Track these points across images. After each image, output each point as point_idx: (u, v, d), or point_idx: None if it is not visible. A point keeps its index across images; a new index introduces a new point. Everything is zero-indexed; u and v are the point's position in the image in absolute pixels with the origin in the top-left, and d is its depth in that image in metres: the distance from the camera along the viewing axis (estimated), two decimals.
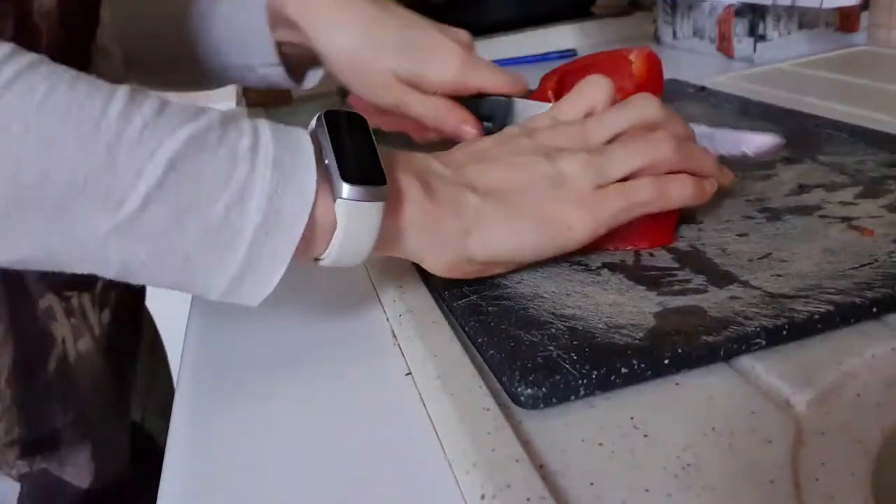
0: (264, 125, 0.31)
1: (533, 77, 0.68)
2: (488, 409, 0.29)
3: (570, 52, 1.00)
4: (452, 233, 0.34)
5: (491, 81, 0.51)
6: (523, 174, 0.36)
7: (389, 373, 0.34)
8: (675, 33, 0.94)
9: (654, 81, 0.58)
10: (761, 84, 0.71)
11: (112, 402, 0.50)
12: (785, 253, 0.37)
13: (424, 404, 0.31)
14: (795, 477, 0.24)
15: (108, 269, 0.29)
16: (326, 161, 0.31)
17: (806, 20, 0.80)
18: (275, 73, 0.57)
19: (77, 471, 0.47)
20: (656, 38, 0.99)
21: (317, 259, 0.33)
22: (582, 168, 0.36)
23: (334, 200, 0.31)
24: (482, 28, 1.08)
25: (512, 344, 0.31)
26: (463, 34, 0.52)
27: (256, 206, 0.29)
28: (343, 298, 0.41)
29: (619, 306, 0.34)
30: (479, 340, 0.33)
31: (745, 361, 0.30)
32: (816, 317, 0.31)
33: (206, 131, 0.29)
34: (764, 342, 0.30)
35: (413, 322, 0.36)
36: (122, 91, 0.28)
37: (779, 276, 0.34)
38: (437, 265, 0.35)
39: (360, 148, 0.32)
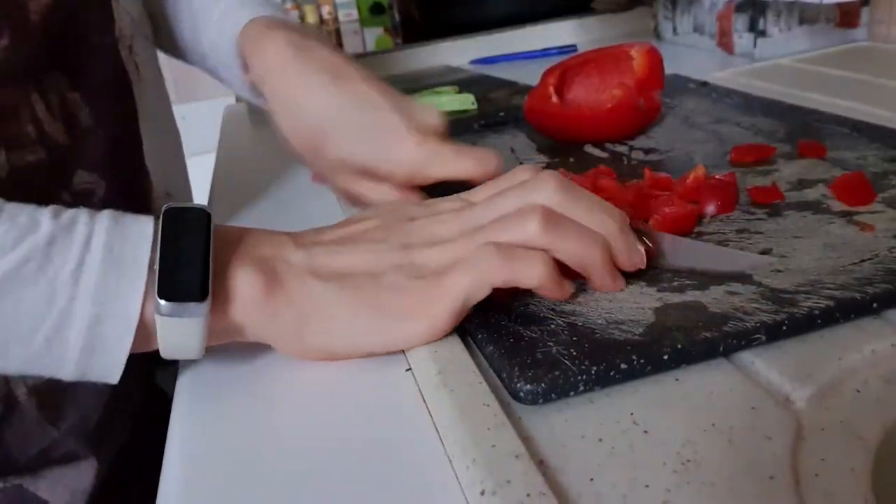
0: (100, 234, 0.31)
1: (533, 73, 0.68)
2: (488, 405, 0.29)
3: (571, 48, 1.00)
4: (289, 324, 0.33)
5: (452, 171, 0.45)
6: (379, 267, 0.34)
7: (389, 369, 0.34)
8: (675, 29, 0.94)
9: (654, 77, 0.58)
10: (762, 80, 0.71)
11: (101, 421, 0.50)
12: (785, 248, 0.36)
13: (424, 400, 0.31)
14: (795, 473, 0.24)
15: None
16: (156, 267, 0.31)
17: (806, 16, 0.80)
18: (257, 101, 0.54)
19: (52, 487, 0.47)
20: (656, 34, 0.99)
21: None
22: (449, 261, 0.34)
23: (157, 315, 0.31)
24: (483, 24, 1.08)
25: (511, 340, 0.31)
26: (430, 115, 0.46)
27: (77, 335, 0.30)
28: None
29: (618, 302, 0.34)
30: (479, 336, 0.33)
31: (745, 357, 0.30)
32: (816, 312, 0.31)
33: (23, 263, 0.30)
34: (764, 338, 0.30)
35: None
36: None
37: (779, 271, 0.34)
38: (285, 351, 0.35)
39: (191, 255, 0.31)
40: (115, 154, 0.48)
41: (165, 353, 0.33)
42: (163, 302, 0.30)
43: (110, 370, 0.32)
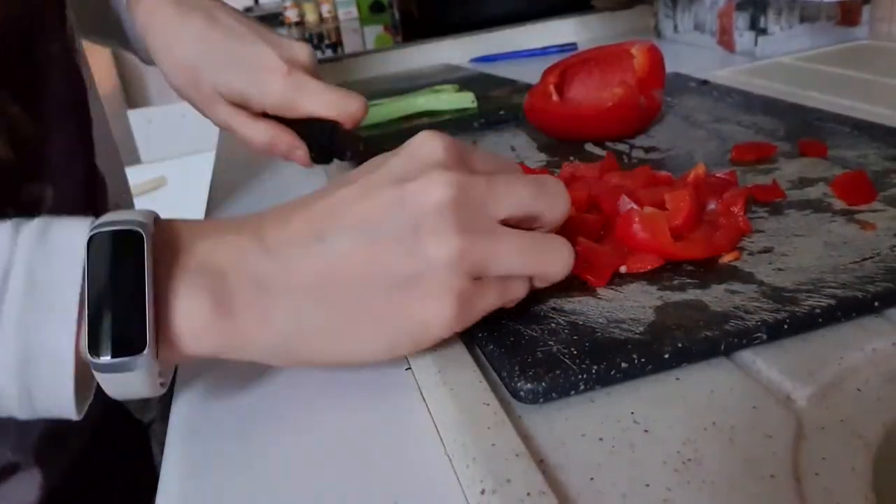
0: (22, 255, 0.26)
1: (533, 71, 0.68)
2: (488, 404, 0.28)
3: (571, 46, 0.99)
4: (266, 345, 0.29)
5: (318, 106, 0.47)
6: (369, 258, 0.28)
7: (389, 368, 0.33)
8: (675, 27, 0.94)
9: (655, 75, 0.58)
10: (763, 78, 0.71)
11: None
12: (786, 247, 0.36)
13: (424, 399, 0.31)
14: (796, 471, 0.24)
15: None
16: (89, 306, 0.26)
17: (807, 14, 0.80)
18: (150, 58, 0.55)
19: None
20: (657, 32, 0.99)
21: None
22: (459, 258, 0.28)
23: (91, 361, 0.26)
24: (483, 22, 1.08)
25: (512, 339, 0.31)
26: (301, 49, 0.48)
27: (9, 382, 0.26)
28: None
29: (619, 301, 0.34)
30: (479, 335, 0.33)
31: (746, 356, 0.30)
32: (818, 311, 0.31)
33: None
34: (765, 336, 0.30)
35: None
36: None
37: (780, 269, 0.34)
38: (271, 364, 0.31)
39: (125, 293, 0.26)
40: (69, 163, 0.47)
41: (115, 397, 0.28)
42: (95, 360, 0.26)
43: (62, 410, 0.27)
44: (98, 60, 2.25)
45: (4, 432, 0.45)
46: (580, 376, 0.29)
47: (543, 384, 0.28)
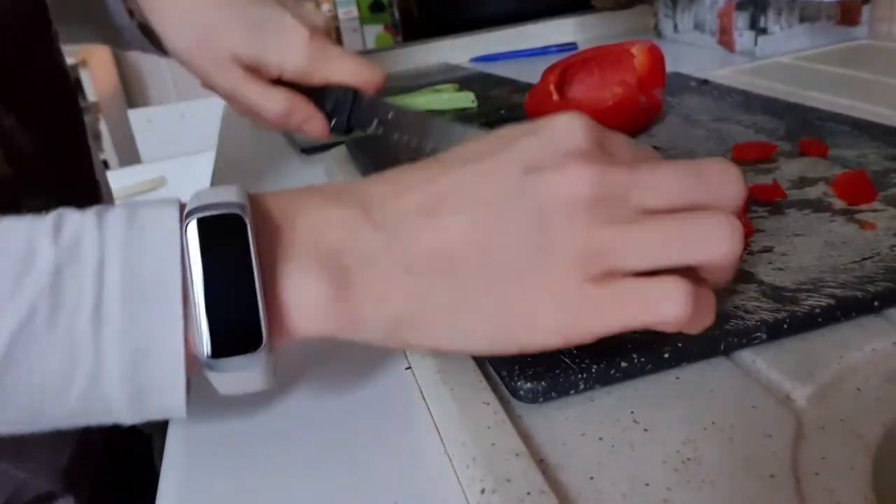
0: (113, 262, 0.24)
1: (533, 70, 0.68)
2: (488, 404, 0.29)
3: (571, 46, 0.99)
4: (379, 329, 0.27)
5: (341, 73, 0.45)
6: (491, 239, 0.26)
7: (389, 367, 0.33)
8: (675, 27, 0.94)
9: (656, 75, 0.58)
10: (763, 78, 0.71)
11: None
12: (786, 246, 0.36)
13: (424, 399, 0.31)
14: (795, 471, 0.24)
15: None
16: (193, 299, 0.25)
17: (807, 14, 0.80)
18: (138, 39, 0.53)
19: None
20: (657, 32, 0.99)
21: None
22: (584, 248, 0.25)
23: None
24: (483, 21, 1.08)
25: None
26: (318, 16, 0.46)
27: (117, 388, 0.25)
28: None
29: None
30: None
31: (746, 355, 0.30)
32: (817, 310, 0.31)
33: (30, 317, 0.24)
34: (764, 336, 0.30)
35: None
36: None
37: (780, 269, 0.34)
38: (387, 346, 0.29)
39: (234, 285, 0.25)
40: (64, 173, 0.46)
41: (226, 394, 0.27)
42: (211, 360, 0.25)
43: (173, 409, 0.26)
44: (98, 60, 2.25)
45: (38, 460, 0.44)
46: (580, 375, 0.29)
47: (543, 383, 0.28)
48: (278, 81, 0.47)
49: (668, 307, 0.25)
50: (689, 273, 0.26)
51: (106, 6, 0.54)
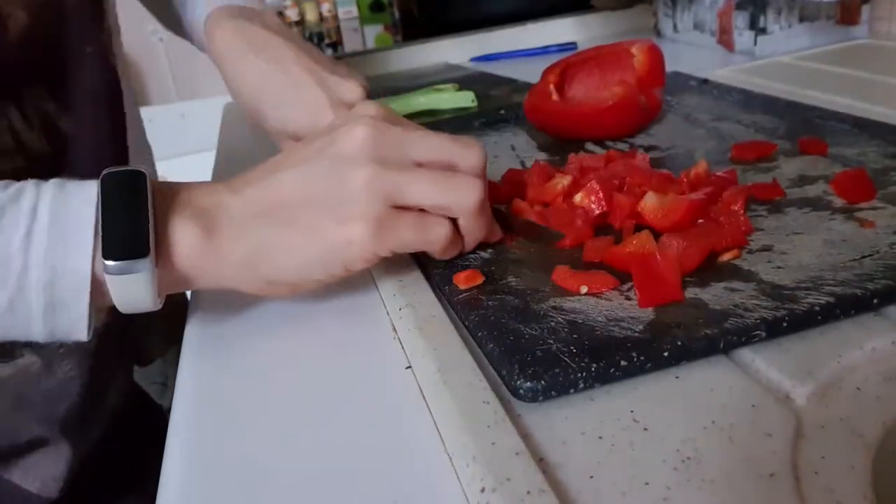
0: (46, 198, 0.33)
1: (533, 70, 0.68)
2: (488, 403, 0.29)
3: (571, 46, 0.99)
4: (237, 263, 0.35)
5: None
6: (305, 186, 0.35)
7: (389, 366, 0.34)
8: (675, 26, 0.94)
9: (655, 74, 0.58)
10: (762, 77, 0.71)
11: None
12: (786, 245, 0.36)
13: (424, 398, 0.31)
14: (795, 470, 0.24)
15: None
16: (101, 233, 0.33)
17: (807, 13, 0.80)
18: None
19: (24, 474, 0.49)
20: (657, 31, 0.99)
21: None
22: (371, 183, 0.34)
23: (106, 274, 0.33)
24: (482, 21, 1.08)
25: (511, 337, 0.31)
26: (353, 90, 0.53)
27: (37, 297, 0.32)
28: (343, 293, 0.41)
29: (618, 299, 0.34)
30: (479, 334, 0.33)
31: (745, 354, 0.30)
32: (817, 309, 0.31)
33: None
34: (764, 334, 0.30)
35: (413, 316, 0.35)
36: None
37: (779, 267, 0.34)
38: (248, 290, 0.37)
39: (132, 214, 0.33)
40: (102, 163, 0.49)
41: (122, 308, 0.34)
42: (108, 262, 0.32)
43: (75, 327, 0.34)
44: None
45: (29, 406, 0.48)
46: (580, 374, 0.29)
47: (543, 382, 0.28)
48: None
49: (437, 231, 0.36)
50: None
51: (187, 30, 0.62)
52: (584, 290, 0.34)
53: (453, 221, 0.37)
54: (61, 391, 0.49)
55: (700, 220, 0.39)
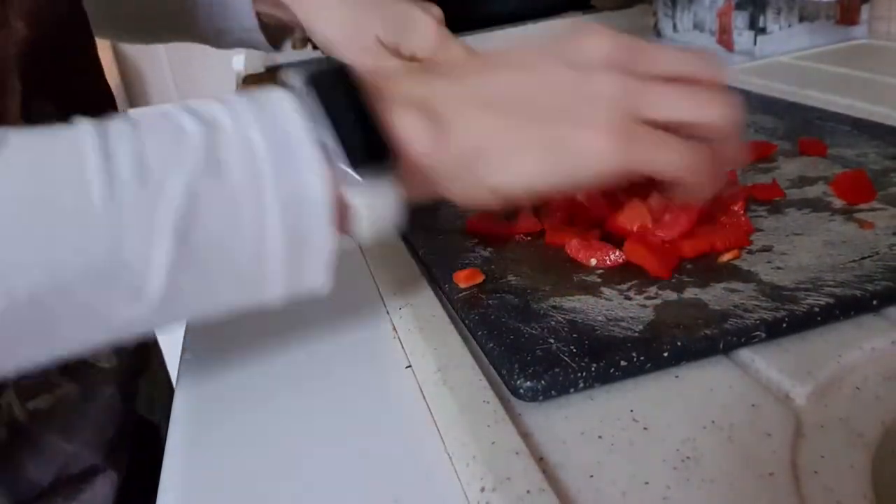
0: (254, 131, 0.28)
1: None
2: (488, 402, 0.29)
3: None
4: (460, 154, 0.31)
5: (458, 54, 0.58)
6: (541, 86, 0.32)
7: (389, 366, 0.34)
8: (675, 26, 0.94)
9: None
10: (762, 77, 0.71)
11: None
12: (785, 245, 0.36)
13: (424, 397, 0.31)
14: (795, 470, 0.24)
15: (158, 327, 0.30)
16: (326, 144, 0.29)
17: (806, 13, 0.80)
18: (253, 39, 0.61)
19: None
20: (656, 31, 0.99)
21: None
22: (620, 91, 0.31)
23: (347, 188, 0.29)
24: (482, 21, 1.08)
25: (511, 337, 0.31)
26: (436, 10, 0.58)
27: (278, 246, 0.28)
28: (343, 292, 0.41)
29: (618, 299, 0.34)
30: (479, 333, 0.33)
31: (745, 354, 0.30)
32: (816, 309, 0.31)
33: (197, 174, 0.27)
34: (764, 335, 0.30)
35: (413, 315, 0.36)
36: (91, 157, 0.26)
37: (779, 268, 0.34)
38: (464, 198, 0.33)
39: (355, 115, 0.30)
40: None
41: (368, 232, 0.31)
42: (356, 176, 0.29)
43: (318, 272, 0.30)
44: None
45: (82, 433, 0.47)
46: (580, 374, 0.29)
47: (543, 382, 0.28)
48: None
49: (694, 154, 0.31)
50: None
51: (229, 10, 0.61)
52: (592, 262, 0.36)
53: None
54: (105, 416, 0.49)
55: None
